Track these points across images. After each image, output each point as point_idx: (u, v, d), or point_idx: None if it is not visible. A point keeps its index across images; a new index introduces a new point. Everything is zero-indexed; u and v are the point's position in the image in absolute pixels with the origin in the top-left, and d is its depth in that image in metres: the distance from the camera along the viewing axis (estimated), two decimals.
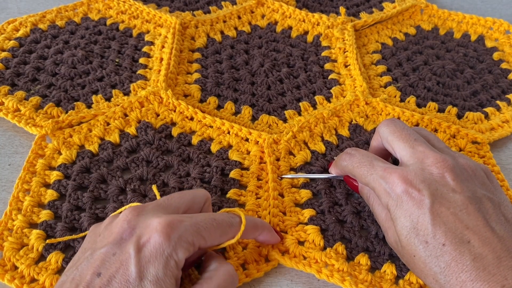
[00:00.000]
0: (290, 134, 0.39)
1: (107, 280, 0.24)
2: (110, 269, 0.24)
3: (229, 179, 0.36)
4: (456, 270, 0.25)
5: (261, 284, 0.31)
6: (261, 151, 0.38)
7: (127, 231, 0.25)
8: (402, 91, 0.46)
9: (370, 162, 0.30)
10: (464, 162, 0.29)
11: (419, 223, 0.26)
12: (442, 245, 0.25)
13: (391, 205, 0.28)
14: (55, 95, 0.43)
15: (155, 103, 0.42)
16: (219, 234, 0.27)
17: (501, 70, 0.49)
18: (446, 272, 0.25)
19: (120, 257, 0.24)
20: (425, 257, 0.26)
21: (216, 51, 0.50)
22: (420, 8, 0.57)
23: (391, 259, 0.31)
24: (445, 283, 0.25)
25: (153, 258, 0.24)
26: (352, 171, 0.31)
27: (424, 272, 0.26)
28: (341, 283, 0.29)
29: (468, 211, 0.26)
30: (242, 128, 0.39)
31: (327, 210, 0.34)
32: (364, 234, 0.33)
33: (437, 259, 0.25)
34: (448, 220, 0.26)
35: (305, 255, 0.31)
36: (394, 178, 0.28)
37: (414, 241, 0.26)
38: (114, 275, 0.24)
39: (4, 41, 0.49)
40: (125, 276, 0.24)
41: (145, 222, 0.26)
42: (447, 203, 0.26)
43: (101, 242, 0.26)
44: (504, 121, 0.43)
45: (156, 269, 0.24)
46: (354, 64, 0.48)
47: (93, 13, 0.54)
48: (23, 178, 0.35)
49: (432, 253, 0.26)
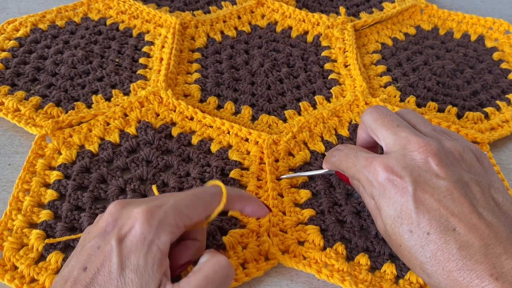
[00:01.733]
0: (290, 135, 0.39)
1: (92, 274, 0.24)
2: (95, 262, 0.24)
3: (229, 179, 0.36)
4: (442, 260, 0.24)
5: (261, 284, 0.31)
6: (260, 151, 0.38)
7: (110, 224, 0.26)
8: (402, 91, 0.46)
9: (354, 154, 0.29)
10: (450, 145, 0.27)
11: (403, 211, 0.25)
12: (427, 234, 0.25)
13: (375, 194, 0.27)
14: (55, 95, 0.43)
15: (155, 103, 0.42)
16: (202, 207, 0.27)
17: (501, 70, 0.49)
18: (432, 262, 0.24)
19: (104, 250, 0.24)
20: (410, 246, 0.25)
21: (216, 51, 0.50)
22: (420, 8, 0.57)
23: (391, 259, 0.31)
24: (431, 273, 0.24)
25: (134, 247, 0.24)
26: (340, 166, 0.31)
27: (411, 262, 0.26)
28: (341, 283, 0.29)
29: (453, 197, 0.25)
30: (242, 128, 0.39)
31: (327, 210, 0.34)
32: (364, 234, 0.33)
33: (423, 249, 0.25)
34: (432, 207, 0.25)
35: (305, 255, 0.31)
36: (376, 166, 0.27)
37: (398, 230, 0.26)
38: (99, 268, 0.24)
39: (4, 41, 0.49)
40: (108, 268, 0.24)
41: (127, 213, 0.26)
42: (430, 189, 0.25)
43: (89, 237, 0.26)
44: (504, 121, 0.43)
45: (137, 257, 0.24)
46: (354, 64, 0.48)
47: (93, 13, 0.54)
48: (23, 178, 0.35)
49: (417, 243, 0.25)
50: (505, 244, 0.23)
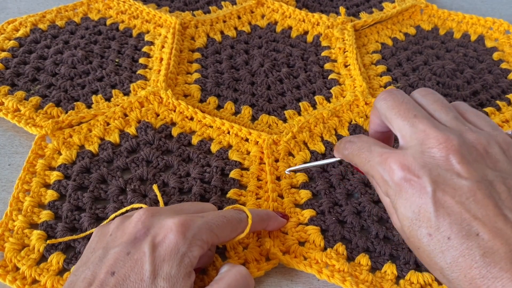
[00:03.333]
0: (290, 135, 0.39)
1: (122, 279, 0.24)
2: (124, 268, 0.24)
3: (229, 179, 0.36)
4: (464, 267, 0.22)
5: (261, 284, 0.31)
6: (260, 151, 0.38)
7: (141, 231, 0.26)
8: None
9: (368, 148, 0.27)
10: (473, 138, 0.25)
11: (421, 213, 0.23)
12: (447, 238, 0.22)
13: (391, 194, 0.25)
14: (55, 95, 0.43)
15: (155, 103, 0.42)
16: (229, 231, 0.28)
17: (501, 70, 0.49)
18: (453, 268, 0.22)
19: (135, 256, 0.25)
20: (430, 251, 0.23)
21: (216, 51, 0.50)
22: (420, 8, 0.57)
23: (391, 259, 0.31)
24: (453, 279, 0.23)
25: (167, 257, 0.25)
26: (353, 160, 0.29)
27: (430, 266, 0.24)
28: (342, 284, 0.29)
29: (477, 199, 0.23)
30: (242, 128, 0.39)
31: (327, 211, 0.34)
32: (364, 235, 0.33)
33: (443, 254, 0.23)
34: (453, 210, 0.23)
35: (306, 256, 0.31)
36: (391, 164, 0.25)
37: (416, 233, 0.24)
38: (129, 273, 0.24)
39: (4, 41, 0.48)
40: (139, 275, 0.24)
41: (159, 223, 0.26)
42: (451, 190, 0.23)
43: (114, 242, 0.26)
44: (504, 121, 0.43)
45: (170, 267, 0.24)
46: (354, 64, 0.48)
47: (93, 13, 0.54)
48: (23, 178, 0.35)
49: (437, 247, 0.23)
50: None
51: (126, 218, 0.28)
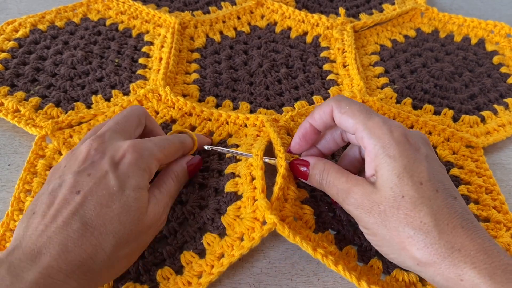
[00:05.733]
0: (289, 115, 0.40)
1: (89, 194, 0.27)
2: (89, 185, 0.27)
3: (226, 160, 0.36)
4: (448, 216, 0.26)
5: (261, 284, 0.31)
6: (258, 130, 0.38)
7: (96, 155, 0.29)
8: (399, 93, 0.46)
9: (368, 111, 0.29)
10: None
11: (415, 165, 0.27)
12: (435, 190, 0.26)
13: (388, 142, 0.27)
14: (55, 95, 0.43)
15: (154, 101, 0.42)
16: (174, 151, 0.33)
17: (500, 74, 0.49)
18: (437, 215, 0.25)
19: (97, 175, 0.27)
20: (417, 197, 0.26)
21: (215, 52, 0.50)
22: (420, 11, 0.57)
23: (378, 256, 0.32)
24: (434, 226, 0.25)
25: (131, 172, 0.28)
26: (350, 104, 0.29)
27: (408, 217, 0.26)
28: (334, 266, 0.29)
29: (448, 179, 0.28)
30: (239, 116, 0.40)
31: (319, 198, 0.34)
32: (352, 228, 0.33)
33: (430, 201, 0.26)
34: (440, 173, 0.28)
35: (299, 232, 0.31)
36: (395, 122, 0.29)
37: (407, 181, 0.26)
38: (95, 189, 0.27)
39: (4, 42, 0.49)
40: (107, 190, 0.27)
41: (113, 146, 0.29)
42: (437, 162, 0.28)
43: (69, 169, 0.28)
44: (500, 125, 0.43)
45: (135, 180, 0.28)
46: (352, 64, 0.48)
47: (92, 14, 0.54)
48: (24, 178, 0.36)
49: (425, 195, 0.26)
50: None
51: (74, 150, 0.30)
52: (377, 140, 0.28)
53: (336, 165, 0.31)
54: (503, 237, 0.33)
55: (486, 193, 0.37)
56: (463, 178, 0.38)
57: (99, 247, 0.26)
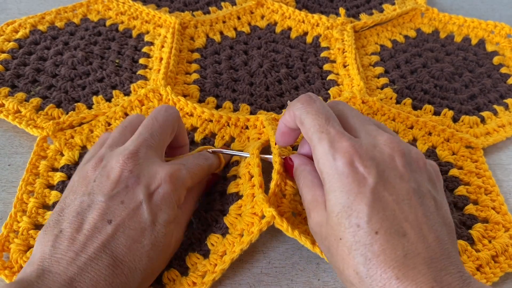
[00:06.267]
0: None
1: (121, 227, 0.26)
2: (120, 216, 0.26)
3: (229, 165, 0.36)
4: (383, 265, 0.22)
5: (261, 284, 0.31)
6: (259, 133, 0.38)
7: (131, 179, 0.27)
8: (399, 93, 0.46)
9: (327, 118, 0.26)
10: (415, 152, 0.27)
11: (356, 202, 0.24)
12: (375, 232, 0.23)
13: (330, 173, 0.25)
14: (56, 96, 0.43)
15: (154, 101, 0.42)
16: (203, 175, 0.32)
17: (500, 74, 0.49)
18: (370, 265, 0.23)
19: (130, 205, 0.26)
20: (352, 242, 0.23)
21: (215, 52, 0.51)
22: (421, 12, 0.57)
23: None
24: (366, 277, 0.23)
25: (163, 206, 0.27)
26: (304, 119, 0.27)
27: (345, 261, 0.24)
28: None
29: (411, 203, 0.24)
30: (239, 117, 0.40)
31: None
32: None
33: (365, 248, 0.23)
34: (388, 207, 0.24)
35: (297, 227, 0.31)
36: (344, 145, 0.25)
37: (344, 222, 0.24)
38: (128, 222, 0.26)
39: (4, 43, 0.49)
40: (139, 223, 0.26)
41: (149, 171, 0.28)
42: (391, 188, 0.24)
43: (100, 189, 0.27)
44: (500, 126, 0.43)
45: (167, 214, 0.27)
46: (352, 64, 0.48)
47: (92, 14, 0.54)
48: (26, 179, 0.36)
49: (361, 240, 0.23)
50: (446, 261, 0.23)
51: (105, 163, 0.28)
52: (322, 169, 0.26)
53: (311, 175, 0.29)
54: (502, 238, 0.33)
55: (485, 193, 0.37)
56: (462, 179, 0.38)
57: (127, 284, 0.25)
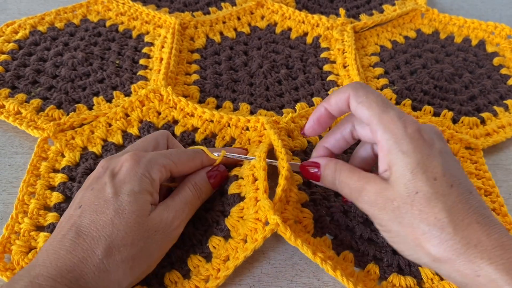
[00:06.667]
0: (290, 116, 0.39)
1: (87, 205, 0.28)
2: (89, 199, 0.28)
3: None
4: (463, 211, 0.25)
5: (261, 284, 0.31)
6: (259, 135, 0.39)
7: (101, 171, 0.30)
8: (399, 94, 0.46)
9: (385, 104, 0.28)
10: None
11: (429, 160, 0.26)
12: (450, 186, 0.26)
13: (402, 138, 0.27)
14: (56, 97, 0.43)
15: (155, 101, 0.42)
16: (186, 158, 0.32)
17: (500, 75, 0.49)
18: (452, 211, 0.25)
19: (97, 187, 0.29)
20: (432, 193, 0.26)
21: (215, 52, 0.51)
22: (421, 12, 0.57)
23: (375, 261, 0.32)
24: (449, 222, 0.25)
25: (127, 179, 0.29)
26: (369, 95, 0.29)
27: (422, 213, 0.26)
28: (333, 272, 0.29)
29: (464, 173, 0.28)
30: (240, 118, 0.40)
31: (318, 202, 0.34)
32: (349, 234, 0.33)
33: (444, 197, 0.26)
34: (454, 168, 0.27)
35: (299, 235, 0.31)
36: (410, 117, 0.28)
37: (421, 177, 0.26)
38: (92, 200, 0.28)
39: (3, 44, 0.49)
40: (103, 198, 0.28)
41: (115, 160, 0.30)
42: (450, 154, 0.28)
43: (80, 189, 0.30)
44: (500, 127, 0.43)
45: (132, 185, 0.28)
46: (352, 64, 0.48)
47: (92, 15, 0.54)
48: (27, 181, 0.36)
49: (439, 190, 0.26)
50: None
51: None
52: (390, 135, 0.27)
53: (347, 164, 0.30)
54: None
55: (485, 195, 0.37)
56: None
57: (90, 250, 0.26)
